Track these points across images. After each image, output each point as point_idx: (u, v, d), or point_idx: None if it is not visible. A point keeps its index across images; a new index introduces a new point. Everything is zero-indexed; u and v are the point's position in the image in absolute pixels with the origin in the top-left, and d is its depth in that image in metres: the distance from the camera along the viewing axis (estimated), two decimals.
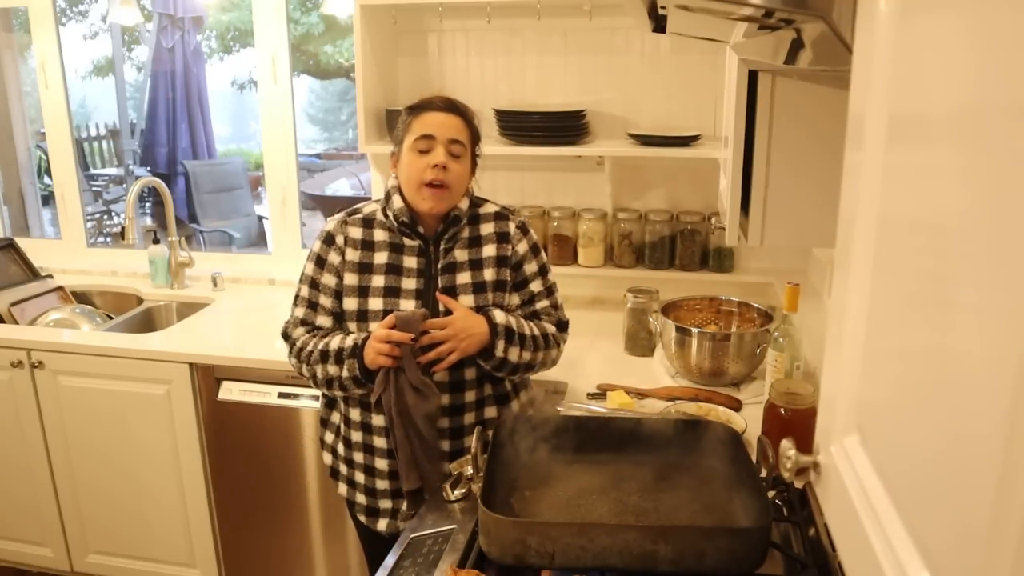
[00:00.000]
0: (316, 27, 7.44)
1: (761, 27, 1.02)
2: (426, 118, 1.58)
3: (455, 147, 1.58)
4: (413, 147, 1.57)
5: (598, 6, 2.34)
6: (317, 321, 1.65)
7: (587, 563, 1.16)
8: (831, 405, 0.67)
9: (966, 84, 0.43)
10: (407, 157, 1.59)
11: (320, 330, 1.65)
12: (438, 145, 1.57)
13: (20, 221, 3.54)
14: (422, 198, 1.58)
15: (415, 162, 1.57)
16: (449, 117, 1.59)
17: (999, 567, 0.37)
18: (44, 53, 2.96)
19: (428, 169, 1.55)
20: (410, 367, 1.54)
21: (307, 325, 1.66)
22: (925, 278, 0.49)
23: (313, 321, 1.65)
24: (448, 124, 1.58)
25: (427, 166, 1.56)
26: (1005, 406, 0.36)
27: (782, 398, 1.55)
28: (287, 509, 2.31)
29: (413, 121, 1.59)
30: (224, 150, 7.54)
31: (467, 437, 1.65)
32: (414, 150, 1.57)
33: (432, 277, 1.62)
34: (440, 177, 1.56)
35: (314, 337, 1.63)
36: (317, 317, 1.65)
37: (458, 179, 1.59)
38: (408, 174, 1.58)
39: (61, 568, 2.58)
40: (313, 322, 1.65)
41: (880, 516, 0.53)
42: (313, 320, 1.65)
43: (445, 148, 1.57)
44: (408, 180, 1.59)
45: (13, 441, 2.46)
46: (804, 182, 1.29)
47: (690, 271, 2.43)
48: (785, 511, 1.34)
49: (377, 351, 1.53)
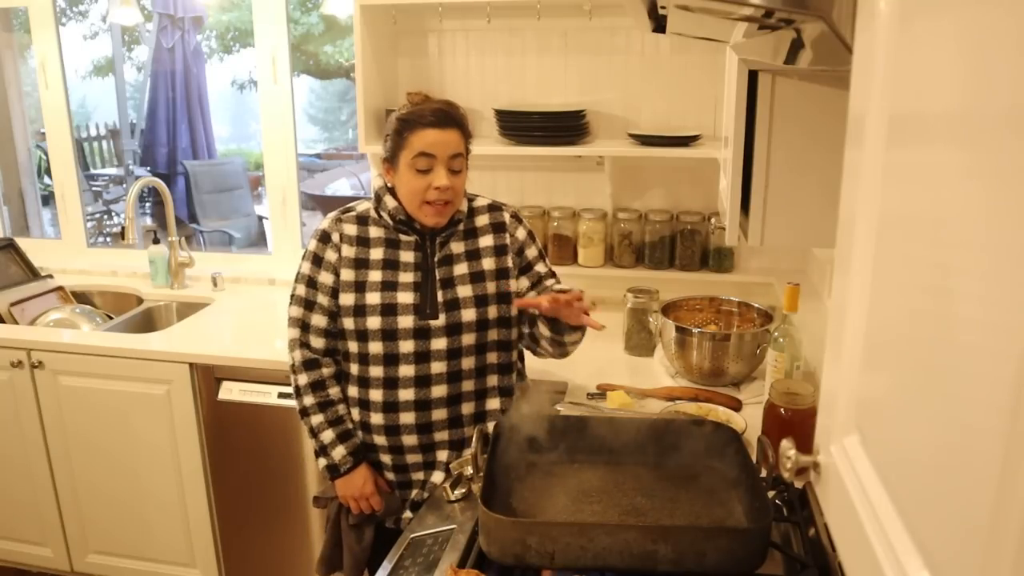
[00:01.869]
0: (316, 27, 7.44)
1: (761, 27, 1.02)
2: (424, 136, 1.55)
3: (455, 162, 1.57)
4: (412, 165, 1.55)
5: (598, 6, 2.34)
6: (313, 320, 1.65)
7: (587, 563, 1.16)
8: (831, 405, 0.67)
9: (966, 84, 0.43)
10: (406, 175, 1.57)
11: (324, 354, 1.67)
12: (439, 165, 1.55)
13: (20, 221, 3.53)
14: (425, 214, 1.59)
15: (416, 181, 1.56)
16: (445, 133, 1.55)
17: (999, 567, 0.37)
18: (44, 53, 2.96)
19: (431, 190, 1.55)
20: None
21: (303, 326, 1.66)
22: (925, 278, 0.49)
23: (309, 321, 1.66)
24: (446, 141, 1.55)
25: (429, 186, 1.55)
26: (1005, 406, 0.36)
27: (782, 398, 1.54)
28: (287, 509, 2.31)
29: (409, 137, 1.55)
30: (224, 150, 7.54)
31: (466, 428, 1.66)
32: (413, 168, 1.56)
33: (430, 270, 1.63)
34: (444, 197, 1.56)
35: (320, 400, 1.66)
36: (313, 316, 1.65)
37: (460, 192, 1.61)
38: (409, 192, 1.58)
39: (61, 568, 2.58)
40: (309, 322, 1.66)
41: (880, 516, 0.53)
42: (309, 320, 1.66)
43: (445, 167, 1.56)
44: (409, 198, 1.59)
45: (13, 441, 2.46)
46: (804, 182, 1.29)
47: (690, 271, 2.43)
48: (785, 511, 1.34)
49: (354, 498, 1.68)
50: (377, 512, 1.70)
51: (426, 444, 1.65)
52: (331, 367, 1.68)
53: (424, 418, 1.63)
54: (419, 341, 1.60)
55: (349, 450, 1.66)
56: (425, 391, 1.61)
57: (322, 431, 1.66)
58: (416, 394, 1.61)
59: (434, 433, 1.64)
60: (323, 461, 1.67)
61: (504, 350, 1.68)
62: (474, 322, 1.62)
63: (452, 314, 1.61)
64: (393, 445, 1.66)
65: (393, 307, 1.60)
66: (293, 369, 1.68)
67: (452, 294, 1.62)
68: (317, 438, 1.66)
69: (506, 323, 1.67)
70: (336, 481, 1.68)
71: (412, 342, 1.60)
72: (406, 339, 1.60)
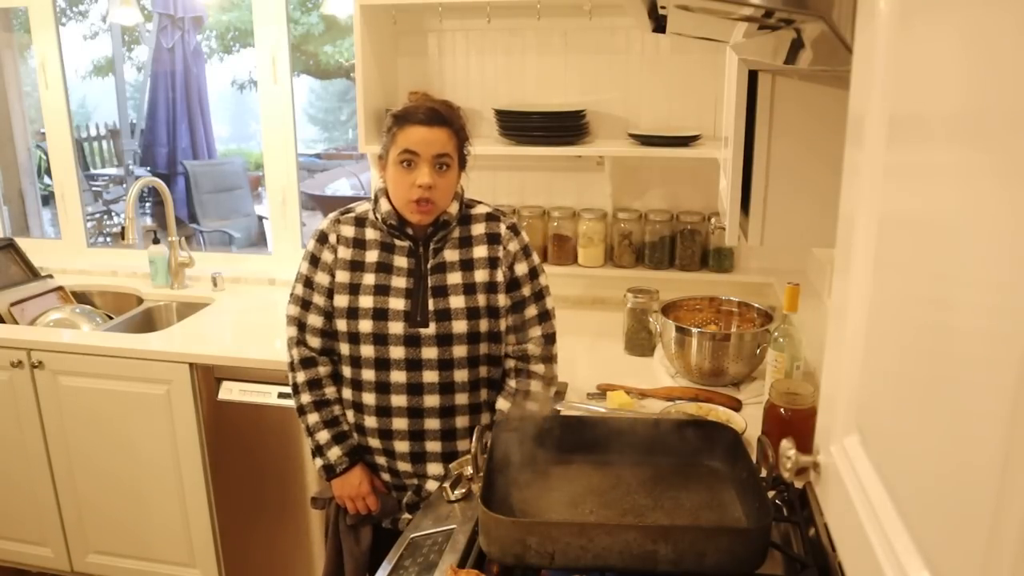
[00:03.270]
0: (316, 27, 7.43)
1: (761, 27, 1.02)
2: (410, 132, 1.55)
3: (441, 160, 1.56)
4: (397, 160, 1.56)
5: (598, 6, 2.34)
6: (309, 320, 1.66)
7: (587, 563, 1.16)
8: (831, 405, 0.67)
9: (966, 84, 0.43)
10: (392, 171, 1.58)
11: (321, 355, 1.67)
12: (422, 163, 1.55)
13: (20, 221, 3.53)
14: (410, 212, 1.59)
15: (401, 178, 1.56)
16: (433, 131, 1.55)
17: (999, 567, 0.37)
18: (44, 53, 2.96)
19: (413, 188, 1.55)
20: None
21: (300, 325, 1.67)
22: (925, 278, 0.49)
23: (306, 321, 1.66)
24: (432, 139, 1.55)
25: (412, 183, 1.55)
26: (1005, 406, 0.36)
27: (782, 398, 1.54)
28: (287, 509, 2.31)
29: (398, 133, 1.56)
30: (224, 150, 7.54)
31: (460, 440, 1.65)
32: (398, 164, 1.56)
33: (422, 277, 1.62)
34: (426, 195, 1.55)
35: (316, 398, 1.67)
36: (310, 316, 1.66)
37: (444, 192, 1.59)
38: (395, 188, 1.59)
39: (61, 568, 2.58)
40: (306, 321, 1.66)
41: (880, 516, 0.53)
42: (306, 320, 1.66)
43: (430, 165, 1.55)
44: (395, 194, 1.59)
45: (13, 441, 2.46)
46: (804, 182, 1.29)
47: (690, 271, 2.43)
48: (785, 511, 1.34)
49: (350, 498, 1.68)
50: (373, 512, 1.70)
51: (417, 452, 1.65)
52: (328, 366, 1.68)
53: (416, 425, 1.63)
54: (409, 348, 1.60)
55: (345, 451, 1.66)
56: (418, 399, 1.61)
57: (318, 431, 1.66)
58: (408, 401, 1.61)
59: (426, 442, 1.64)
60: (319, 461, 1.67)
61: (495, 365, 1.68)
62: (465, 334, 1.61)
63: (443, 324, 1.60)
64: (387, 449, 1.66)
65: (384, 312, 1.60)
66: (291, 367, 1.69)
67: (444, 304, 1.61)
68: (313, 437, 1.67)
69: (496, 338, 1.66)
70: (332, 481, 1.68)
71: (403, 348, 1.60)
72: (396, 345, 1.60)
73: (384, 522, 1.73)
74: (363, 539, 1.73)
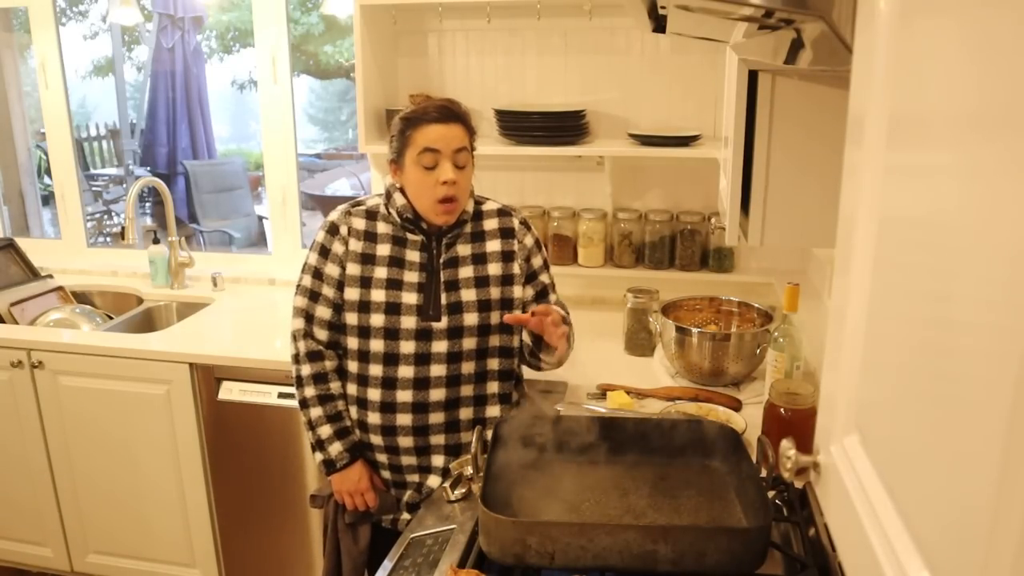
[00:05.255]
0: (316, 27, 7.43)
1: (761, 27, 1.02)
2: (427, 131, 1.56)
3: (460, 156, 1.58)
4: (417, 162, 1.57)
5: (598, 6, 2.34)
6: (317, 312, 1.65)
7: (587, 563, 1.16)
8: (831, 405, 0.67)
9: (966, 84, 0.43)
10: (413, 173, 1.58)
11: (325, 344, 1.67)
12: (444, 160, 1.56)
13: (20, 221, 3.53)
14: (436, 214, 1.60)
15: (423, 179, 1.57)
16: (449, 127, 1.57)
17: (999, 567, 0.37)
18: (44, 53, 2.96)
19: (438, 186, 1.56)
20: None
21: (308, 317, 1.66)
22: (925, 278, 0.49)
23: (314, 312, 1.66)
24: (450, 135, 1.57)
25: (436, 182, 1.56)
26: (1005, 406, 0.36)
27: (782, 398, 1.54)
28: (287, 509, 2.31)
29: (413, 134, 1.57)
30: (224, 150, 7.53)
31: (463, 432, 1.66)
32: (419, 165, 1.57)
33: (434, 271, 1.63)
34: (451, 192, 1.57)
35: (320, 393, 1.66)
36: (318, 308, 1.65)
37: (465, 188, 1.62)
38: (417, 191, 1.59)
39: (61, 568, 2.58)
40: (314, 313, 1.66)
41: (880, 516, 0.53)
42: (314, 311, 1.66)
43: (451, 161, 1.57)
44: (418, 196, 1.60)
45: (13, 441, 2.46)
46: (804, 182, 1.29)
47: (690, 271, 2.43)
48: (785, 511, 1.34)
49: (349, 494, 1.68)
50: (371, 509, 1.70)
51: (422, 446, 1.65)
52: (334, 360, 1.68)
53: (421, 420, 1.63)
54: (420, 342, 1.60)
55: (346, 446, 1.66)
56: (423, 393, 1.61)
57: (320, 425, 1.66)
58: (414, 396, 1.61)
59: (430, 436, 1.64)
60: (320, 456, 1.67)
61: (506, 356, 1.68)
62: (476, 327, 1.62)
63: (455, 317, 1.61)
64: (389, 445, 1.66)
65: (397, 306, 1.60)
66: (296, 359, 1.68)
67: (456, 297, 1.62)
68: (315, 432, 1.67)
69: (508, 329, 1.67)
70: (332, 476, 1.68)
71: (413, 343, 1.60)
72: (407, 339, 1.60)
73: (383, 521, 1.73)
74: (361, 538, 1.73)
